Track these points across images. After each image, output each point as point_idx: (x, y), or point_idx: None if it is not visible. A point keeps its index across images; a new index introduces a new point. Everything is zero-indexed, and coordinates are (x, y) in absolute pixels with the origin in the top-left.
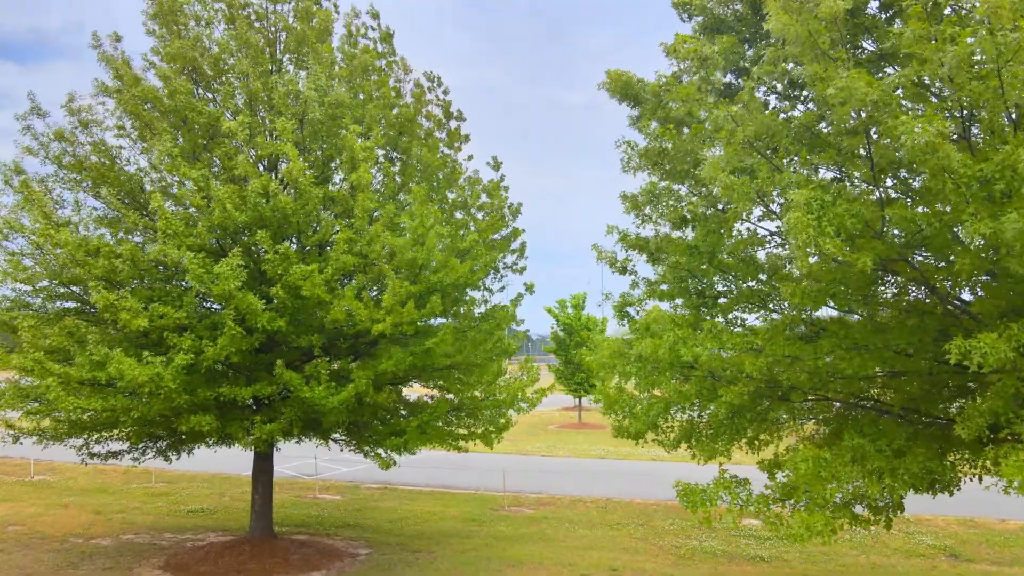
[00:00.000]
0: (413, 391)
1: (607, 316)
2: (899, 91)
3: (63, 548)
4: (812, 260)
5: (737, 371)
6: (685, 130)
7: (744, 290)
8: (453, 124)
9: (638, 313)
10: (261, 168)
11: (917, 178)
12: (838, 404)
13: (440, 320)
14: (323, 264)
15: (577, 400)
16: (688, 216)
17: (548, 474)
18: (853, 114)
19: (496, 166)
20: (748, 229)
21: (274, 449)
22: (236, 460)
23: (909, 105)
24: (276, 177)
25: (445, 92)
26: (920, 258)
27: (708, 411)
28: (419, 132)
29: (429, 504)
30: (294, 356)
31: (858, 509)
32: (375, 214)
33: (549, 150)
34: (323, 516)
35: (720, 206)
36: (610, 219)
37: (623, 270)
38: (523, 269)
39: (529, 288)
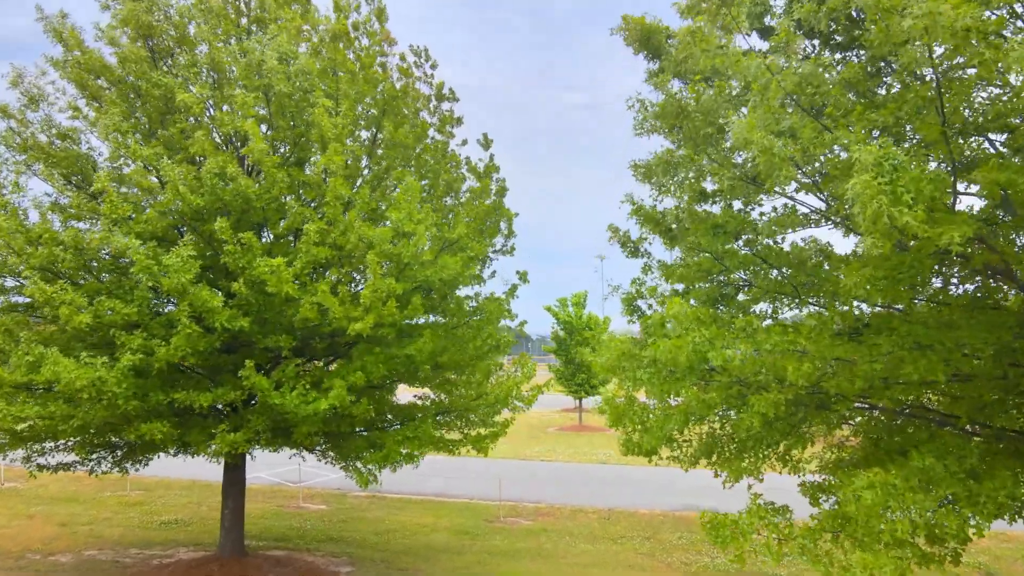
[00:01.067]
0: (409, 391)
1: (610, 316)
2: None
3: (17, 566)
4: (874, 242)
5: (773, 377)
6: (710, 94)
7: (774, 280)
8: (445, 107)
9: (650, 308)
10: (229, 149)
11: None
12: (877, 412)
13: (428, 319)
14: (292, 257)
15: (578, 401)
16: (712, 189)
17: (547, 481)
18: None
19: (486, 144)
20: (785, 205)
21: (247, 458)
22: (219, 466)
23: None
24: (243, 159)
25: (433, 67)
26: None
27: (733, 422)
28: (405, 111)
29: (419, 515)
30: (263, 358)
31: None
32: (352, 202)
33: (549, 150)
34: (305, 529)
35: (750, 179)
36: (610, 219)
37: (635, 251)
38: (512, 250)
39: (523, 277)
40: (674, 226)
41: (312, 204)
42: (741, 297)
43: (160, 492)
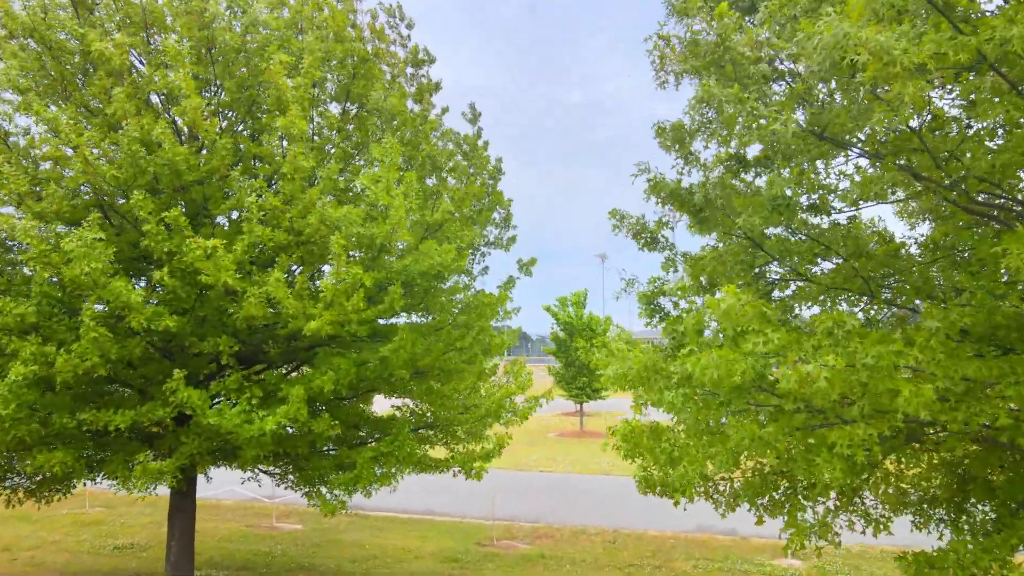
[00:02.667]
0: (387, 400)
1: (611, 315)
2: None
3: None
4: None
5: (871, 405)
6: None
7: (839, 271)
8: (422, 72)
9: (676, 308)
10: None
11: None
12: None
13: (408, 318)
14: (233, 239)
15: (579, 406)
16: (755, 155)
17: (546, 495)
18: None
19: (474, 118)
20: (857, 168)
21: (196, 480)
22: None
23: None
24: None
25: (409, 27)
26: None
27: (796, 464)
28: (379, 77)
29: (403, 537)
30: (205, 367)
31: None
32: (316, 177)
33: (548, 149)
34: (274, 554)
35: (818, 132)
36: (608, 219)
37: (652, 241)
38: (511, 242)
39: (524, 268)
40: (703, 209)
41: (272, 185)
42: (778, 294)
43: (123, 509)
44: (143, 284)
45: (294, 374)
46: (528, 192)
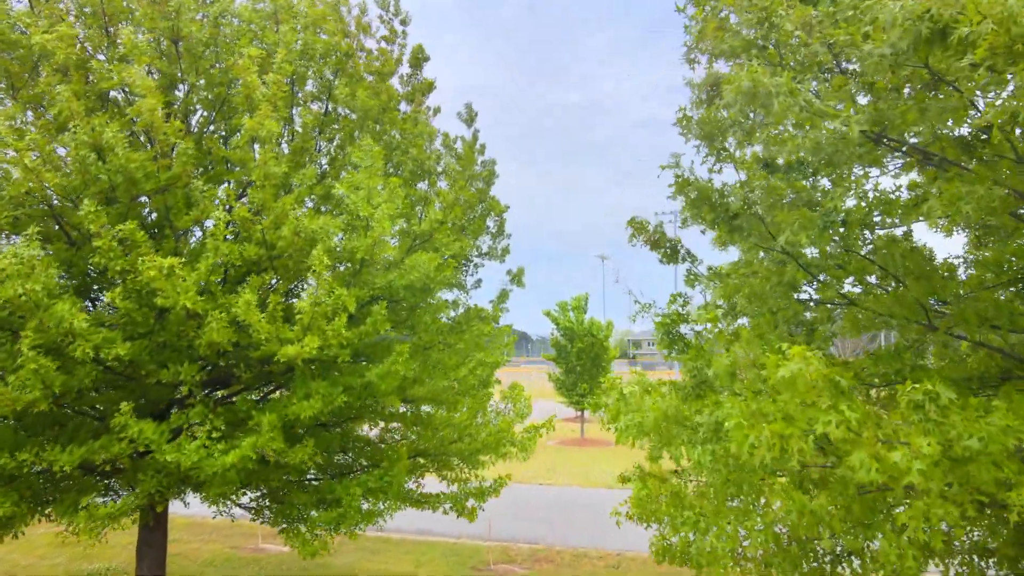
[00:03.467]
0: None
1: (612, 320)
2: None
3: None
4: None
5: (963, 485)
6: None
7: (893, 296)
8: (416, 72)
9: (701, 339)
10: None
11: None
12: None
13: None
14: (195, 257)
15: (579, 412)
16: (832, 144)
17: (545, 512)
18: None
19: (469, 119)
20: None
21: (167, 512)
22: None
23: None
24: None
25: (404, 23)
26: None
27: (849, 541)
28: (363, 72)
29: (396, 560)
30: (165, 394)
31: None
32: (291, 184)
33: (548, 150)
34: None
35: (874, 135)
36: (610, 219)
37: (673, 253)
38: (505, 253)
39: (515, 278)
40: (737, 215)
41: (241, 195)
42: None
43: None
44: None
45: (273, 395)
46: (527, 191)
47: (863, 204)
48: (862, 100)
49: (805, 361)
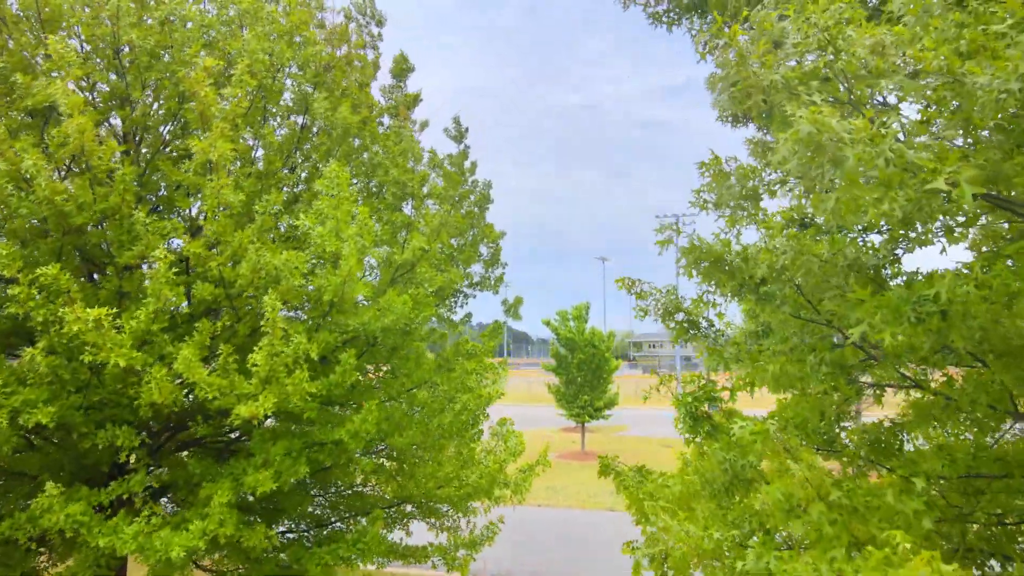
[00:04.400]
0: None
1: (613, 330)
2: None
3: None
4: None
5: None
6: None
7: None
8: (399, 83)
9: (731, 417)
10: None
11: None
12: None
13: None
14: (131, 305)
15: (580, 424)
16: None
17: (544, 536)
18: None
19: (459, 135)
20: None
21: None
22: None
23: None
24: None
25: (380, 23)
26: None
27: None
28: (343, 82)
29: None
30: (104, 458)
31: None
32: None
33: (547, 150)
34: None
35: None
36: (608, 219)
37: (691, 325)
38: (499, 282)
39: (511, 310)
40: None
41: (199, 228)
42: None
43: None
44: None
45: (240, 444)
46: (526, 192)
47: (966, 288)
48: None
49: (935, 570)
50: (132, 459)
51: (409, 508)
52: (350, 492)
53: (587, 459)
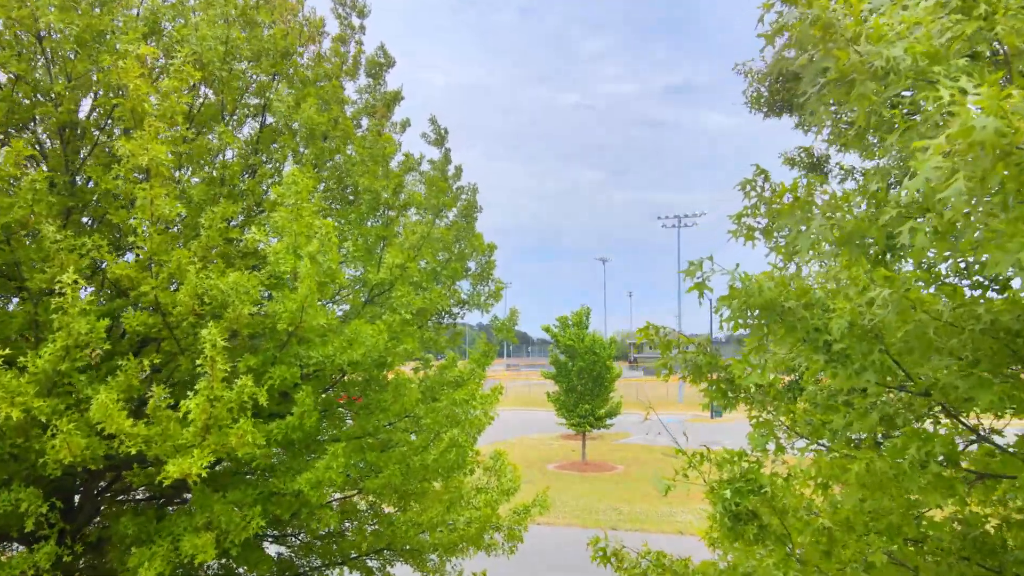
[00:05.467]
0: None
1: (616, 338)
2: None
3: None
4: None
5: None
6: None
7: None
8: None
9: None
10: None
11: None
12: None
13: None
14: (37, 346)
15: (581, 433)
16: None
17: (542, 559)
18: None
19: (439, 139)
20: None
21: None
22: None
23: None
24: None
25: (361, 14)
26: None
27: None
28: (307, 74)
29: None
30: (11, 523)
31: None
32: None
33: (544, 150)
34: None
35: None
36: (607, 220)
37: (733, 389)
38: (492, 298)
39: (503, 328)
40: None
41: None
42: None
43: None
44: None
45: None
46: (524, 191)
47: None
48: None
49: None
50: (37, 527)
51: (388, 553)
52: (324, 535)
53: (588, 470)
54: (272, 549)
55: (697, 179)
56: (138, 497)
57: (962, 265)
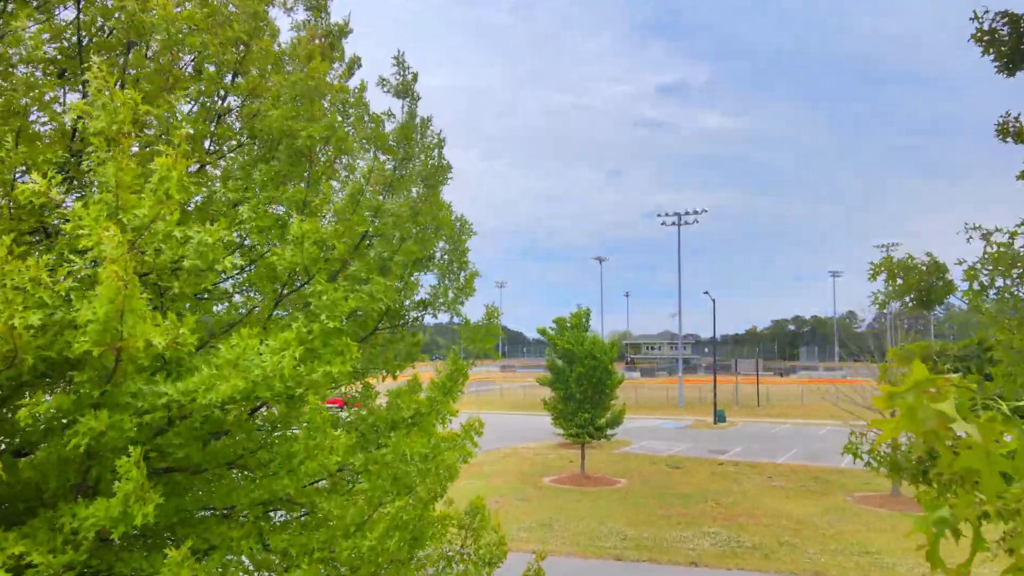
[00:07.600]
0: None
1: (616, 340)
2: None
3: None
4: None
5: None
6: None
7: None
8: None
9: None
10: None
11: None
12: None
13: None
14: None
15: (580, 444)
16: None
17: None
18: None
19: (404, 87)
20: None
21: None
22: None
23: None
24: None
25: None
26: None
27: None
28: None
29: None
30: None
31: None
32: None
33: (541, 150)
34: None
35: None
36: (605, 220)
37: None
38: (463, 295)
39: (476, 336)
40: None
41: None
42: None
43: None
44: None
45: None
46: (522, 191)
47: None
48: None
49: None
50: None
51: None
52: None
53: (587, 484)
54: None
55: (695, 179)
56: None
57: None
